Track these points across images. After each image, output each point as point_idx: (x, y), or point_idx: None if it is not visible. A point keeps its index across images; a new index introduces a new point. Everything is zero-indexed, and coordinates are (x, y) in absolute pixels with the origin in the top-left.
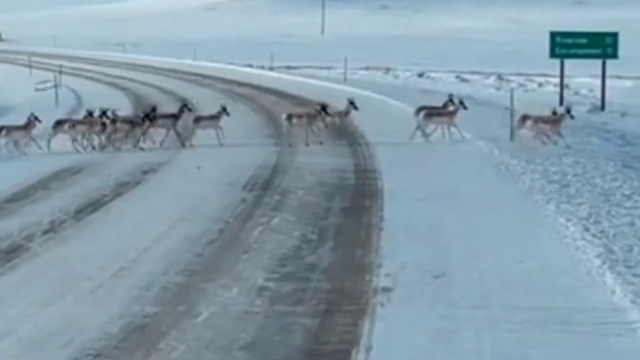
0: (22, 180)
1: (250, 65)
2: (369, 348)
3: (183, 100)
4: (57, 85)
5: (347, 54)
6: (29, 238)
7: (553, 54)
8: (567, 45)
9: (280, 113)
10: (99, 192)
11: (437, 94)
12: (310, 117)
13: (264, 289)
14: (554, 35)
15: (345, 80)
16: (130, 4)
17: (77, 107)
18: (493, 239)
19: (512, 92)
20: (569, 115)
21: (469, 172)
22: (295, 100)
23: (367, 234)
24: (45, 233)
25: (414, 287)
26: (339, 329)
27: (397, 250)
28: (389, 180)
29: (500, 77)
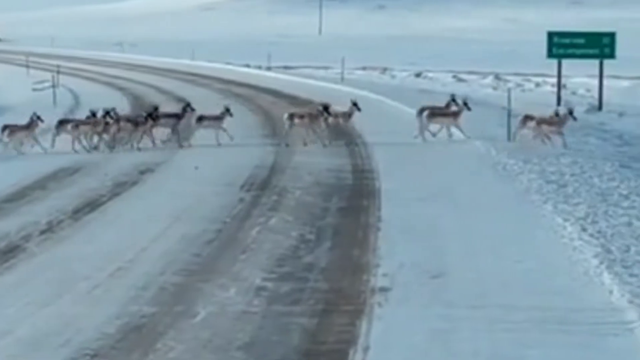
0: (19, 180)
1: (248, 65)
2: (367, 348)
3: (185, 101)
4: (54, 85)
5: (344, 54)
6: (26, 238)
7: (550, 54)
8: (564, 45)
9: (278, 113)
10: (96, 192)
11: (434, 94)
12: (312, 117)
13: (262, 289)
14: (552, 35)
15: (343, 80)
16: (128, 4)
17: (74, 107)
18: (490, 239)
19: (509, 92)
20: (572, 117)
21: (467, 172)
22: (293, 100)
23: (364, 234)
24: (43, 233)
25: (412, 287)
26: (337, 329)
27: (394, 250)
28: (387, 180)
29: (498, 77)
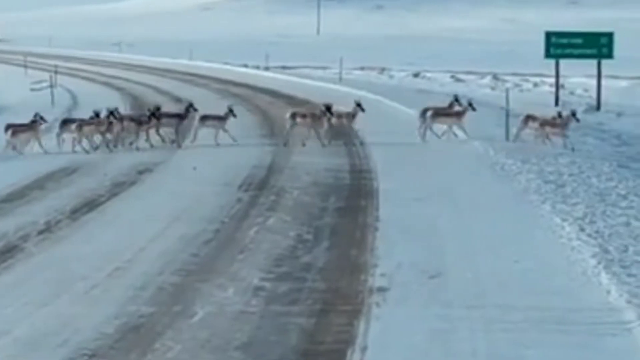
0: (17, 180)
1: (246, 65)
2: (365, 348)
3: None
4: (52, 85)
5: (342, 54)
6: (25, 238)
7: (548, 54)
8: (562, 45)
9: (276, 113)
10: (95, 192)
11: (432, 94)
12: (315, 117)
13: (260, 289)
14: (549, 35)
15: (341, 81)
16: (126, 4)
17: (72, 107)
18: (488, 239)
19: (507, 92)
20: (575, 119)
21: (465, 172)
22: (290, 100)
23: (362, 234)
24: (41, 233)
25: (410, 287)
26: (335, 329)
27: (392, 250)
28: (385, 180)
29: (496, 77)
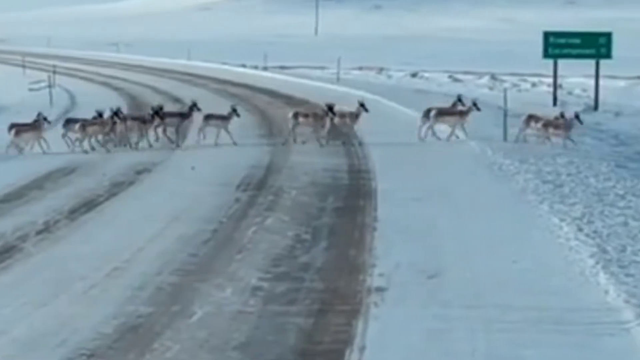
0: (15, 180)
1: (244, 65)
2: (363, 348)
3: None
4: (51, 85)
5: (340, 54)
6: (23, 238)
7: (546, 54)
8: (560, 45)
9: (274, 113)
10: (93, 192)
11: (430, 94)
12: (317, 117)
13: (258, 289)
14: (547, 35)
15: (339, 80)
16: (124, 4)
17: (71, 107)
18: (486, 239)
19: (505, 92)
20: (578, 121)
21: (463, 172)
22: (289, 100)
23: (360, 234)
24: (39, 233)
25: (408, 287)
26: (333, 329)
27: (390, 250)
28: (383, 180)
29: (494, 77)
